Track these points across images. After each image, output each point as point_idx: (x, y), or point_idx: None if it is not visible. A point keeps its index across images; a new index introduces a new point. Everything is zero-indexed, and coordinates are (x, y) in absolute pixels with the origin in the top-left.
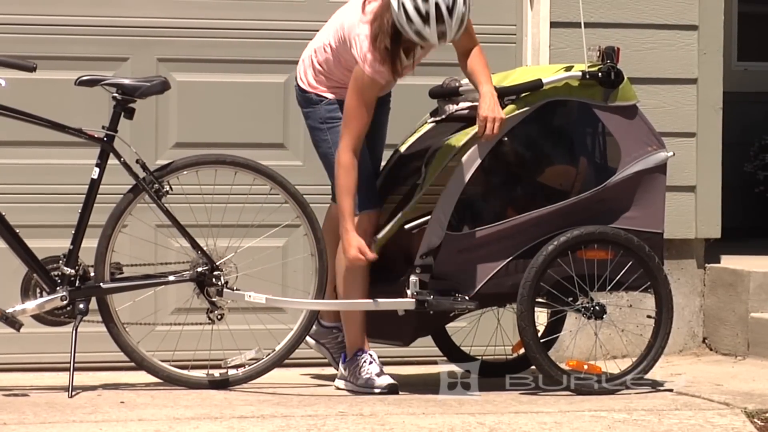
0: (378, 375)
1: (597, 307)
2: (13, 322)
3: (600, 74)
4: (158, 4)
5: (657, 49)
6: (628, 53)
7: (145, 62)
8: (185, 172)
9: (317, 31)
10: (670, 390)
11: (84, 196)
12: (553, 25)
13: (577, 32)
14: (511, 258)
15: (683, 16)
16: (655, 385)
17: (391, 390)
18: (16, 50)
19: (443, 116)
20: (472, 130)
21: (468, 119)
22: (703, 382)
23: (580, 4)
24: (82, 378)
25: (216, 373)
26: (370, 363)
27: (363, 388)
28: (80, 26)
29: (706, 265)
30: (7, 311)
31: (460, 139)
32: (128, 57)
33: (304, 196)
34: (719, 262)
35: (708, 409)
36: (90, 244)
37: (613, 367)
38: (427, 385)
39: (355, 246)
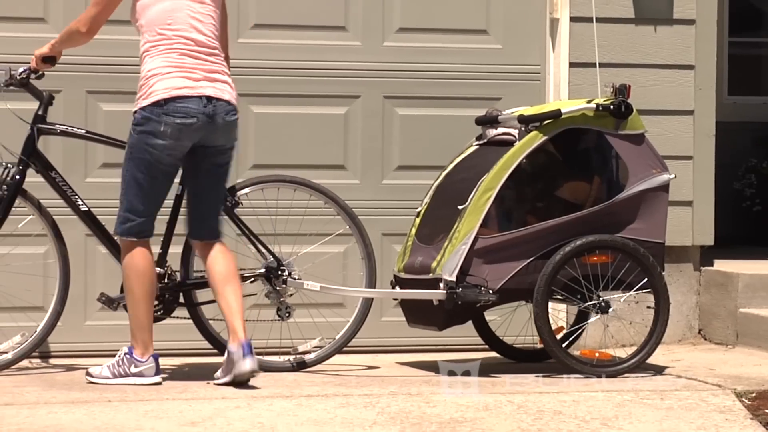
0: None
1: (602, 303)
2: (114, 305)
3: (612, 107)
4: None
5: (660, 85)
6: (635, 88)
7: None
8: (247, 191)
9: (372, 70)
10: (671, 374)
11: (170, 209)
12: (572, 65)
13: (592, 71)
14: (531, 259)
15: (682, 58)
16: (658, 370)
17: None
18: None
19: (485, 140)
20: (501, 168)
21: (505, 142)
22: (699, 367)
23: (595, 47)
24: (173, 362)
25: (291, 358)
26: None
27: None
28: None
29: (701, 268)
30: (113, 297)
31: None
32: None
33: (361, 209)
34: (712, 266)
35: (703, 389)
36: (175, 249)
37: (622, 354)
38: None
39: None
